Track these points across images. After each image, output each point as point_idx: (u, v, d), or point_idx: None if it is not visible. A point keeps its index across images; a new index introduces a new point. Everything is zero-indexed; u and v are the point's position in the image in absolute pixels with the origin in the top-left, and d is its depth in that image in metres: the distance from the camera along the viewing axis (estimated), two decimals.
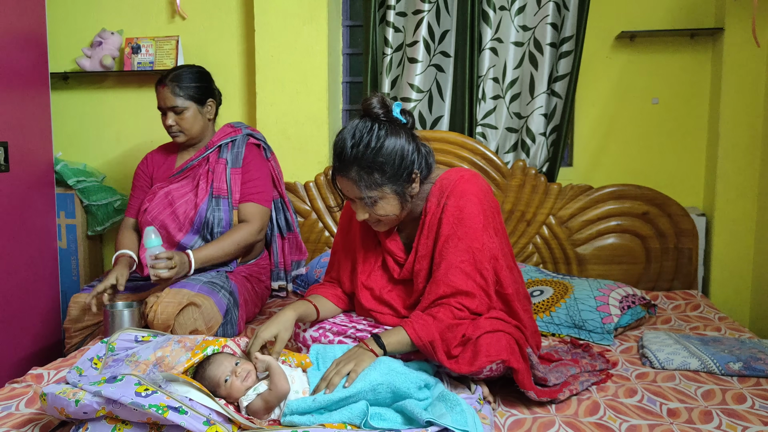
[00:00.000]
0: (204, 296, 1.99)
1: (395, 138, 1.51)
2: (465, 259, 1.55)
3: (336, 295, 1.77)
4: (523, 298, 1.70)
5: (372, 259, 1.72)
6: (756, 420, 1.46)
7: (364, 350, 1.49)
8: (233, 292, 2.14)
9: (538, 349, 1.74)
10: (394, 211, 1.57)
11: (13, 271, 2.44)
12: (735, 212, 2.66)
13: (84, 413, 1.29)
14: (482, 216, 1.57)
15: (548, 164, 2.74)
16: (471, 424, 1.29)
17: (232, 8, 2.99)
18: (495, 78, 2.75)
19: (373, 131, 1.50)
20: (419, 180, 1.58)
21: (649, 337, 1.98)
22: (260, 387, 1.44)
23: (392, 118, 1.54)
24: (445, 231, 1.57)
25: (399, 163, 1.51)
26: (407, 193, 1.56)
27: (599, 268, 2.63)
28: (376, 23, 2.82)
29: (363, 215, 1.57)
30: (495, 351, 1.48)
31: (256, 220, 2.26)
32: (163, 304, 1.93)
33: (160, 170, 2.38)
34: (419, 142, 1.59)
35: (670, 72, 2.77)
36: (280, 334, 1.54)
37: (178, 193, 2.27)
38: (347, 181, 1.53)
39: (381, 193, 1.52)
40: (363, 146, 1.49)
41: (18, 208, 2.47)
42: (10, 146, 2.41)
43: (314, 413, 1.37)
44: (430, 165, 1.62)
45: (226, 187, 2.25)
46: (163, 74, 2.28)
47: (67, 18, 3.08)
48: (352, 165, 1.50)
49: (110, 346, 1.64)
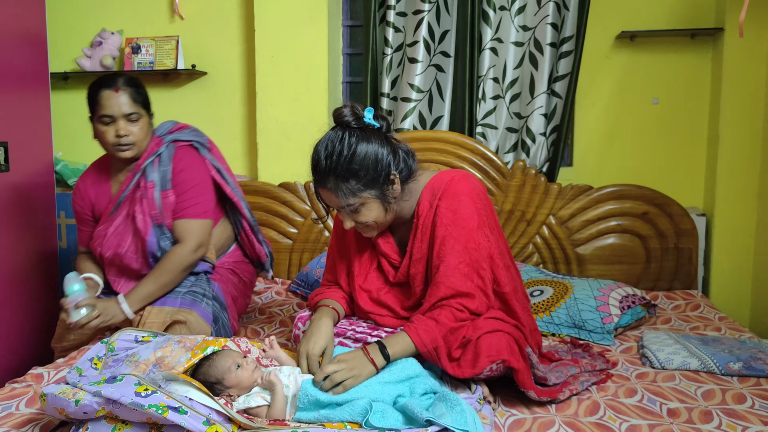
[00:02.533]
0: (187, 311, 1.91)
1: (366, 143, 1.52)
2: (462, 260, 1.55)
3: (344, 299, 1.77)
4: (521, 297, 1.70)
5: (367, 262, 1.73)
6: (756, 420, 1.46)
7: (366, 361, 1.47)
8: (217, 296, 2.05)
9: (539, 348, 1.74)
10: (378, 216, 1.58)
11: (13, 270, 2.44)
12: (735, 212, 2.66)
13: (84, 413, 1.29)
14: (476, 216, 1.58)
15: (548, 164, 2.74)
16: (471, 424, 1.29)
17: (232, 8, 2.99)
18: (495, 78, 2.75)
19: (344, 140, 1.51)
20: (399, 181, 1.59)
21: (649, 337, 1.98)
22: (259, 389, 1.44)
23: (364, 124, 1.55)
24: (440, 233, 1.57)
25: (374, 167, 1.52)
26: (388, 196, 1.56)
27: (599, 268, 2.63)
28: (376, 23, 2.82)
29: (349, 223, 1.58)
30: (495, 351, 1.48)
31: (190, 238, 2.02)
32: (146, 325, 1.88)
33: (99, 202, 2.12)
34: (396, 145, 1.60)
35: (670, 72, 2.77)
36: (328, 349, 1.56)
37: (122, 230, 2.06)
38: (327, 192, 1.55)
39: (361, 199, 1.53)
40: (335, 156, 1.50)
41: (18, 208, 2.47)
42: (10, 146, 2.41)
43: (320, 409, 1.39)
44: (410, 166, 1.61)
45: (159, 213, 2.03)
46: (106, 78, 2.02)
47: (67, 18, 3.08)
48: (328, 176, 1.52)
49: (110, 347, 1.64)
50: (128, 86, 1.99)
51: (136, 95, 2.00)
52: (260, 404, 1.42)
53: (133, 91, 2.00)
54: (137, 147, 2.01)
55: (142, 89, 2.04)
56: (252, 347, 1.70)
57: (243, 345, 1.68)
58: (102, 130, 1.99)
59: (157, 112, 2.27)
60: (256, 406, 1.42)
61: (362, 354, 1.48)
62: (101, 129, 1.99)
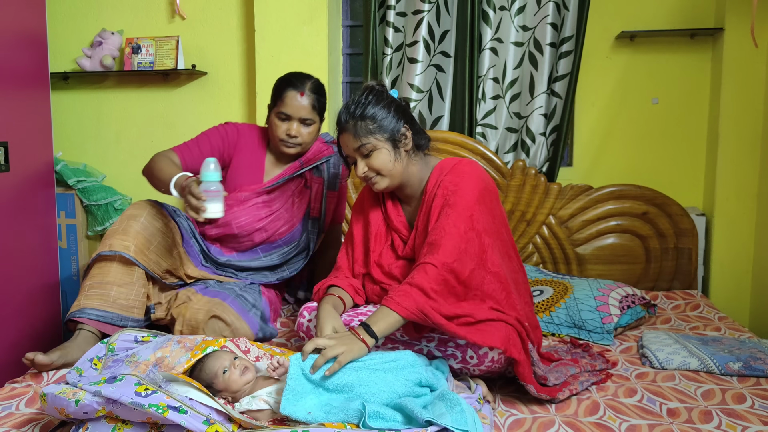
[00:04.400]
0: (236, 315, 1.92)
1: (385, 100, 1.68)
2: (454, 224, 1.58)
3: (351, 286, 1.78)
4: (522, 290, 1.71)
5: (382, 240, 1.80)
6: (756, 420, 1.46)
7: (355, 338, 1.46)
8: (264, 311, 2.05)
9: (539, 346, 1.74)
10: (388, 163, 1.66)
11: (13, 271, 2.44)
12: (735, 212, 2.66)
13: (84, 413, 1.29)
14: (477, 192, 1.63)
15: (548, 164, 2.74)
16: (471, 424, 1.29)
17: (232, 8, 2.99)
18: (495, 78, 2.75)
19: (363, 94, 1.69)
20: (411, 137, 1.70)
21: (649, 337, 1.99)
22: (263, 394, 1.44)
23: (386, 90, 1.72)
24: (438, 202, 1.64)
25: (387, 114, 1.66)
26: (400, 146, 1.68)
27: (599, 268, 2.63)
28: (376, 23, 2.82)
29: (362, 167, 1.68)
30: (497, 338, 1.50)
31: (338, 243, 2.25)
32: (192, 310, 1.90)
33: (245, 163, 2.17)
34: (411, 112, 1.75)
35: (670, 72, 2.77)
36: (337, 327, 1.57)
37: (270, 208, 2.17)
38: (346, 135, 1.68)
39: (374, 140, 1.65)
40: (355, 104, 1.68)
41: (18, 208, 2.47)
42: (10, 146, 2.41)
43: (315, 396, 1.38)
44: (420, 130, 1.74)
45: (320, 209, 2.19)
46: (295, 79, 2.10)
47: (67, 18, 3.08)
48: (348, 121, 1.67)
49: (110, 347, 1.64)
50: (313, 93, 2.09)
51: (316, 102, 2.09)
52: (262, 408, 1.41)
53: (316, 99, 2.09)
54: (302, 148, 2.14)
55: (323, 98, 2.14)
56: (252, 347, 1.70)
57: (242, 345, 1.68)
58: (276, 124, 2.10)
59: (157, 112, 2.28)
60: (258, 409, 1.41)
61: (350, 333, 1.48)
62: (276, 122, 2.10)
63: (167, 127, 3.05)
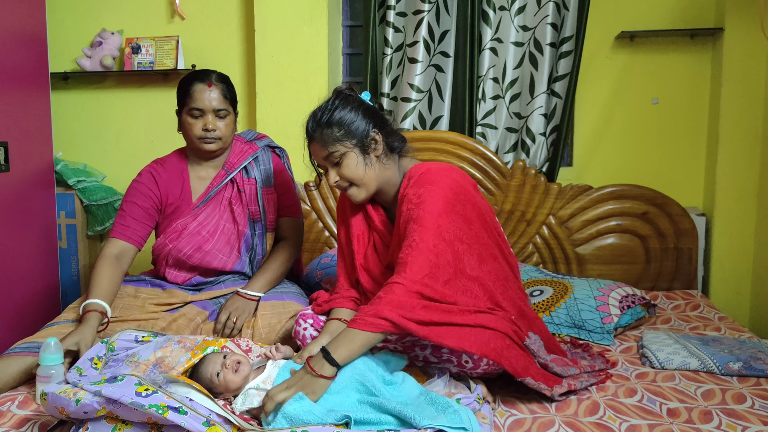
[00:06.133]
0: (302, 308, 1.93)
1: (351, 104, 1.65)
2: (417, 239, 1.54)
3: (352, 300, 1.77)
4: (511, 286, 1.68)
5: (364, 241, 1.78)
6: (756, 420, 1.46)
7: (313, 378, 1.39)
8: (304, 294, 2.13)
9: (542, 334, 1.70)
10: (359, 171, 1.63)
11: (13, 271, 2.44)
12: (735, 212, 2.66)
13: (84, 413, 1.29)
14: (442, 202, 1.57)
15: (548, 164, 2.74)
16: (467, 421, 1.29)
17: (232, 8, 2.99)
18: (495, 78, 2.75)
19: (330, 99, 1.67)
20: (382, 140, 1.65)
21: (649, 337, 1.99)
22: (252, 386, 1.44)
23: (355, 94, 1.68)
24: (404, 217, 1.60)
25: (354, 118, 1.63)
26: (370, 152, 1.64)
27: (599, 268, 2.63)
28: (376, 23, 2.82)
29: (333, 177, 1.65)
30: (473, 343, 1.45)
31: (296, 235, 2.18)
32: (265, 317, 1.92)
33: (171, 194, 2.08)
34: (382, 114, 1.70)
35: (670, 72, 2.77)
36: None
37: (212, 225, 2.08)
38: (314, 145, 1.66)
39: (343, 147, 1.62)
40: (321, 111, 1.65)
41: (18, 208, 2.47)
42: (10, 146, 2.41)
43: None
44: (393, 132, 1.70)
45: (259, 210, 2.12)
46: (200, 72, 2.05)
47: (67, 18, 3.08)
48: (315, 130, 1.64)
49: (110, 347, 1.64)
50: (220, 82, 2.04)
51: (226, 92, 2.05)
52: (255, 406, 1.41)
53: (225, 88, 2.04)
54: (222, 142, 2.06)
55: (232, 87, 2.09)
56: (254, 346, 1.70)
57: (243, 344, 1.68)
58: (190, 123, 2.02)
59: (157, 112, 2.28)
60: (259, 406, 1.41)
61: (304, 372, 1.42)
62: (189, 121, 2.02)
63: (167, 127, 3.05)
